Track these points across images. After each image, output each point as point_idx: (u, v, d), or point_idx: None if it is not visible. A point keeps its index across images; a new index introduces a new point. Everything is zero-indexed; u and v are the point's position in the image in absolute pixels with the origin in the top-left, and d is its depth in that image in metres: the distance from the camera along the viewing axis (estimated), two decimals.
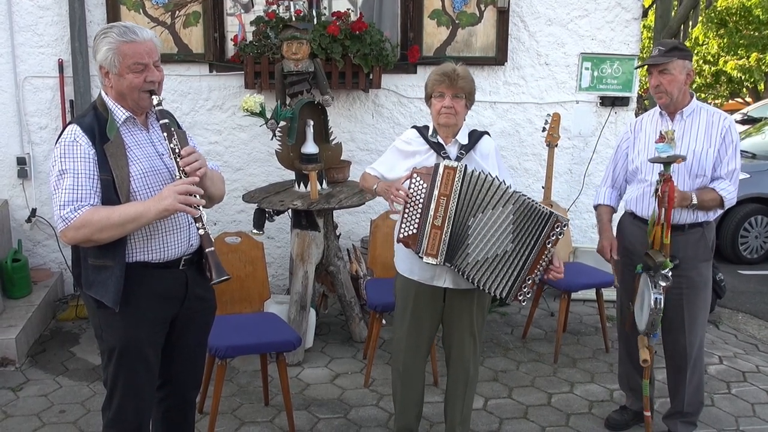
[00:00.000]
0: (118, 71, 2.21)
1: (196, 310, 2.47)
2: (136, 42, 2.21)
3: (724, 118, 3.13)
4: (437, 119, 2.83)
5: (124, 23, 2.26)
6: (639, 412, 3.39)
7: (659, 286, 2.90)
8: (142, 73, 2.23)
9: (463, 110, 2.84)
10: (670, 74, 3.03)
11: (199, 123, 4.93)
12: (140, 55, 2.21)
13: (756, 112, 12.66)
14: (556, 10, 5.11)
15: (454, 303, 2.89)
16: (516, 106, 5.24)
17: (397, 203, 2.73)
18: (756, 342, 4.65)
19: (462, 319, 2.90)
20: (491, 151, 2.90)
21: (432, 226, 2.66)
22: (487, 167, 2.83)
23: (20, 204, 4.86)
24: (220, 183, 2.52)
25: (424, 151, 2.86)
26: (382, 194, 2.86)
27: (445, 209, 2.65)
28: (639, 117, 3.35)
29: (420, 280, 2.87)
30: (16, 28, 4.68)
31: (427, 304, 2.89)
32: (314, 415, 3.54)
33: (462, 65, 2.84)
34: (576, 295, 4.58)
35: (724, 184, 3.09)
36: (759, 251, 6.98)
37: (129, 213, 2.16)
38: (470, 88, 2.84)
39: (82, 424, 3.39)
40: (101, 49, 2.21)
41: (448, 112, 2.78)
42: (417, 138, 2.90)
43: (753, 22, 15.77)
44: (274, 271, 5.11)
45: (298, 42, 4.06)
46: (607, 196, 3.41)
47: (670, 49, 3.05)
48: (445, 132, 2.86)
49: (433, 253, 2.67)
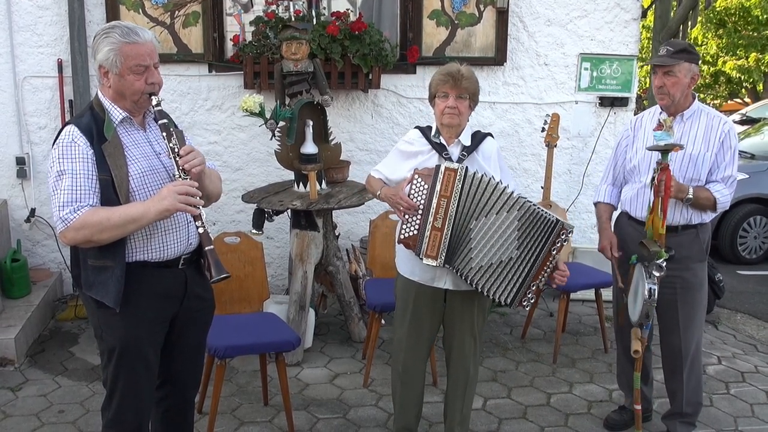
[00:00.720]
0: (119, 72, 2.21)
1: (196, 310, 2.47)
2: (138, 43, 2.21)
3: (724, 122, 3.10)
4: (440, 119, 2.83)
5: (126, 23, 2.26)
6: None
7: (653, 276, 2.89)
8: (143, 74, 2.23)
9: (467, 111, 2.83)
10: (675, 77, 3.01)
11: (199, 123, 4.93)
12: (142, 57, 2.21)
13: (755, 112, 12.66)
14: (555, 10, 5.11)
15: (455, 304, 2.89)
16: (515, 106, 5.24)
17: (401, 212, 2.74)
18: (755, 342, 4.65)
19: (463, 321, 2.90)
20: (493, 153, 2.90)
21: (432, 227, 2.66)
22: (489, 169, 2.83)
23: (19, 204, 4.86)
24: (217, 181, 2.52)
25: (426, 152, 2.86)
26: (386, 201, 2.86)
27: (445, 211, 2.64)
28: (639, 115, 3.34)
29: (421, 281, 2.87)
30: (15, 27, 4.68)
31: (427, 305, 2.89)
32: (313, 415, 3.54)
33: (466, 65, 2.84)
34: (575, 296, 4.58)
35: (719, 186, 3.08)
36: (758, 251, 6.99)
37: (129, 214, 2.16)
38: (474, 89, 2.83)
39: (82, 424, 3.39)
40: (102, 49, 2.20)
41: (451, 113, 2.78)
42: (419, 138, 2.89)
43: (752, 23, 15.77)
44: (274, 271, 5.11)
45: (298, 42, 4.06)
46: (607, 193, 3.39)
47: (678, 51, 3.02)
48: (448, 132, 2.85)
49: (433, 254, 2.67)
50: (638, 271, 3.03)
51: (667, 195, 2.86)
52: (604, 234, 3.33)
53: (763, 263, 6.95)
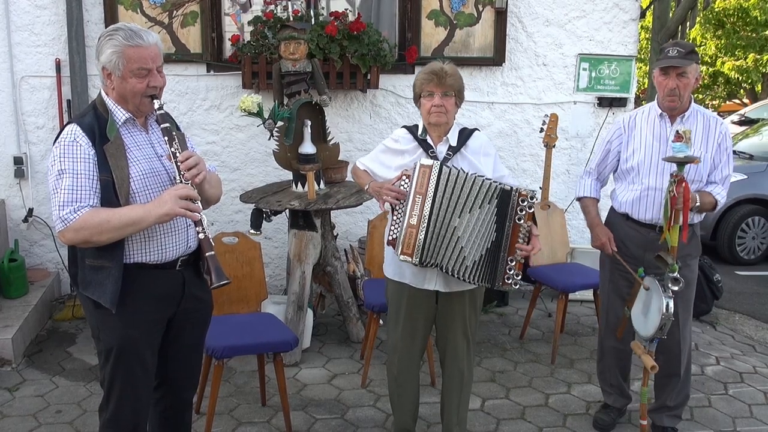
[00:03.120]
0: (121, 74, 2.20)
1: (193, 311, 2.46)
2: (142, 47, 2.20)
3: (720, 123, 3.13)
4: (428, 119, 2.82)
5: (131, 26, 2.24)
6: (621, 408, 3.47)
7: (669, 289, 2.82)
8: (146, 78, 2.22)
9: (453, 108, 2.82)
10: (687, 78, 3.00)
11: (197, 123, 4.92)
12: (145, 60, 2.20)
13: (753, 113, 12.67)
14: (554, 10, 5.11)
15: (447, 306, 2.88)
16: (514, 106, 5.24)
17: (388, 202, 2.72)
18: (753, 343, 4.65)
19: (455, 322, 2.90)
20: (483, 147, 2.88)
21: (408, 224, 2.63)
22: (480, 164, 2.82)
23: (17, 204, 4.85)
24: (217, 185, 2.52)
25: (412, 150, 2.84)
26: (373, 194, 2.86)
27: (420, 208, 2.61)
28: (631, 113, 3.29)
29: (410, 283, 2.86)
30: (13, 27, 4.68)
31: (419, 307, 2.89)
32: (311, 415, 3.53)
33: (450, 63, 2.83)
34: (573, 296, 4.58)
35: (719, 188, 3.11)
36: (756, 252, 6.99)
37: (129, 216, 2.15)
38: (459, 86, 2.82)
39: (79, 425, 3.38)
40: (105, 51, 2.19)
41: (438, 111, 2.77)
42: (406, 135, 2.88)
43: (750, 23, 15.77)
44: (272, 271, 5.11)
45: (296, 42, 4.06)
46: (592, 188, 3.37)
47: (689, 52, 3.00)
48: (436, 131, 2.84)
49: (408, 252, 2.62)
50: (650, 285, 2.95)
51: (686, 208, 2.80)
52: (599, 229, 3.29)
53: (761, 264, 6.95)
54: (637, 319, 3.04)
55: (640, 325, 3.01)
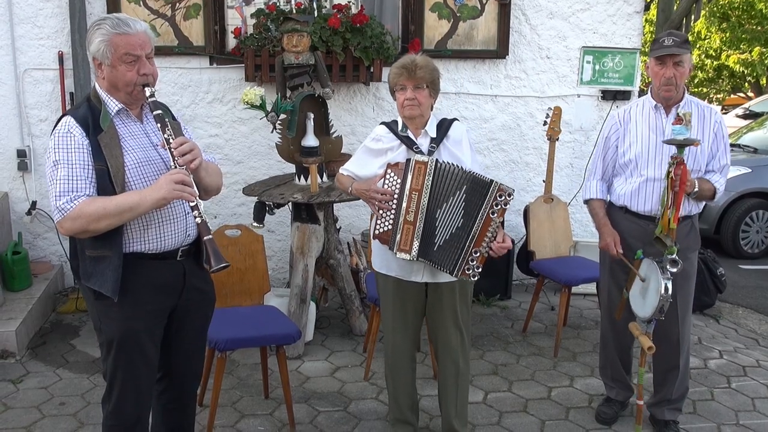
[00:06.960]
0: (110, 62, 2.22)
1: (195, 302, 2.47)
2: (129, 34, 2.21)
3: (714, 112, 3.13)
4: (402, 112, 2.83)
5: (118, 15, 2.27)
6: (623, 401, 3.47)
7: (667, 271, 2.84)
8: (134, 65, 2.22)
9: (427, 100, 2.82)
10: (683, 67, 3.00)
11: (200, 116, 4.92)
12: (132, 47, 2.21)
13: (758, 106, 12.63)
14: (557, 3, 5.09)
15: (436, 297, 2.90)
16: (517, 99, 5.22)
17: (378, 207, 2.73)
18: (756, 337, 4.64)
19: (445, 312, 2.90)
20: (463, 137, 2.89)
21: (405, 221, 2.65)
22: (461, 153, 2.84)
23: (20, 196, 4.86)
24: (216, 175, 2.51)
25: (395, 147, 2.85)
26: (358, 195, 2.86)
27: (417, 204, 2.65)
28: (626, 107, 3.28)
29: (398, 276, 2.87)
30: (16, 20, 4.67)
31: (409, 299, 2.90)
32: (314, 408, 3.54)
33: (423, 55, 2.83)
34: (576, 289, 4.57)
35: (717, 176, 3.12)
36: (760, 246, 6.98)
37: (125, 203, 2.16)
38: (431, 77, 2.81)
39: (82, 417, 3.40)
40: (94, 40, 2.22)
41: (411, 104, 2.78)
42: (387, 134, 2.88)
43: (755, 17, 15.71)
44: (275, 264, 5.11)
45: (299, 34, 4.05)
46: (598, 189, 3.36)
47: (684, 41, 3.00)
48: (414, 124, 2.85)
49: (406, 248, 2.66)
50: (648, 267, 2.98)
51: (682, 190, 2.83)
52: (605, 231, 3.27)
53: (765, 258, 6.94)
54: (636, 301, 3.06)
55: (638, 306, 3.04)
